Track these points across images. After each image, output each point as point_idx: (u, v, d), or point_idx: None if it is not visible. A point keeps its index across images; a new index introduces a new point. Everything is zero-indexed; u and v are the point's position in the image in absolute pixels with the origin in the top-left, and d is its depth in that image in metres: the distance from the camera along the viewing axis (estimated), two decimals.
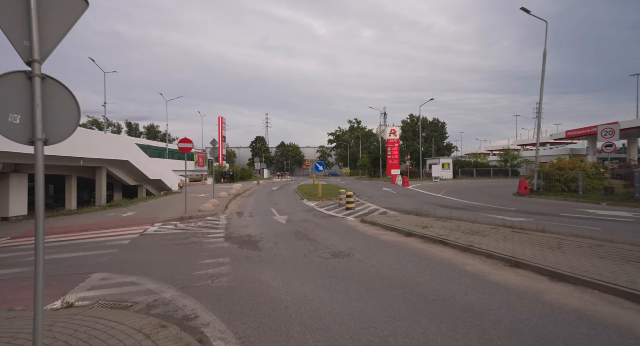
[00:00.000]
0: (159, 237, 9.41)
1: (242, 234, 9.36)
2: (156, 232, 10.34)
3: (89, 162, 18.02)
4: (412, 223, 9.20)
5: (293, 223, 10.90)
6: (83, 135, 16.81)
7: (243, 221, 11.90)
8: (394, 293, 4.49)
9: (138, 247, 8.27)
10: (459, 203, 15.35)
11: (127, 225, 11.83)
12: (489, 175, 40.23)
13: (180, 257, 7.03)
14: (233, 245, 8.01)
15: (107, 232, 10.68)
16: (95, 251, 7.95)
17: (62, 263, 6.96)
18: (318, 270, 5.69)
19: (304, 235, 8.82)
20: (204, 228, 10.55)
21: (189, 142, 13.58)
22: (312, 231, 9.42)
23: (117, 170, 21.16)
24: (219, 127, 54.09)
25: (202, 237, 9.13)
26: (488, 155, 49.83)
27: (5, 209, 14.98)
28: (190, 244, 8.28)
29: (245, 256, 6.87)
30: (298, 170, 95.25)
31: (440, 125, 69.84)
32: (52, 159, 15.67)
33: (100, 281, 5.57)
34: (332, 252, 6.87)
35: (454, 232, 7.77)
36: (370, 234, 8.68)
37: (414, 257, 6.22)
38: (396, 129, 42.43)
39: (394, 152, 40.09)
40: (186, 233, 9.89)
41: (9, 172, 15.17)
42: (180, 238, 9.06)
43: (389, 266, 5.70)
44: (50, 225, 12.33)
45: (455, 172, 38.64)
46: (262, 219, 12.15)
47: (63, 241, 9.49)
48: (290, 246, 7.63)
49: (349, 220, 11.22)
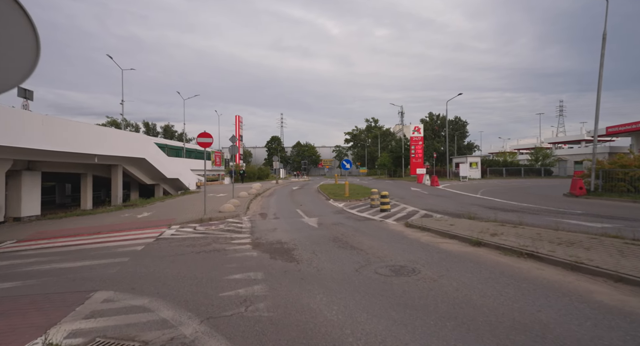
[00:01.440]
0: (176, 242, 8.22)
1: (271, 240, 8.05)
2: (173, 235, 9.18)
3: (104, 160, 17.21)
4: (473, 229, 7.67)
5: (327, 227, 9.54)
6: (97, 131, 15.99)
7: (269, 224, 10.62)
8: (521, 342, 3.02)
9: (153, 254, 7.08)
10: (507, 205, 13.62)
11: (142, 227, 10.75)
12: (519, 175, 37.77)
13: (201, 269, 5.76)
14: (263, 254, 6.70)
15: (120, 235, 9.60)
16: (103, 259, 6.80)
17: (64, 274, 5.80)
18: (383, 294, 4.28)
19: (344, 242, 7.43)
20: (226, 232, 9.31)
21: (208, 136, 12.42)
22: (352, 237, 8.02)
23: (134, 168, 20.36)
24: (236, 125, 53.43)
25: (226, 243, 7.87)
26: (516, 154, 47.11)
27: (17, 209, 14.24)
28: (213, 252, 7.03)
29: (282, 270, 5.54)
30: (314, 170, 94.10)
31: (461, 123, 67.18)
32: (65, 156, 14.86)
33: (102, 305, 4.34)
34: (391, 267, 5.44)
35: (537, 241, 6.21)
36: (425, 242, 7.20)
37: (507, 278, 4.72)
38: (420, 126, 40.48)
39: (418, 151, 38.17)
40: (207, 237, 8.67)
41: (22, 169, 14.43)
42: (201, 244, 7.83)
43: (480, 291, 4.23)
44: (61, 227, 11.41)
45: (483, 171, 36.43)
46: (290, 222, 10.84)
47: (71, 246, 8.43)
48: (333, 257, 6.25)
49: (390, 224, 9.76)
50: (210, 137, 12.47)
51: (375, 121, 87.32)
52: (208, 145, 12.45)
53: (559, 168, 41.37)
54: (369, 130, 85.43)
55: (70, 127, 14.01)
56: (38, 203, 15.21)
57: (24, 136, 11.74)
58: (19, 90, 14.46)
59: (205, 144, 12.41)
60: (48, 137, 12.66)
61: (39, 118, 12.32)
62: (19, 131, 11.53)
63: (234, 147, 18.67)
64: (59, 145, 13.25)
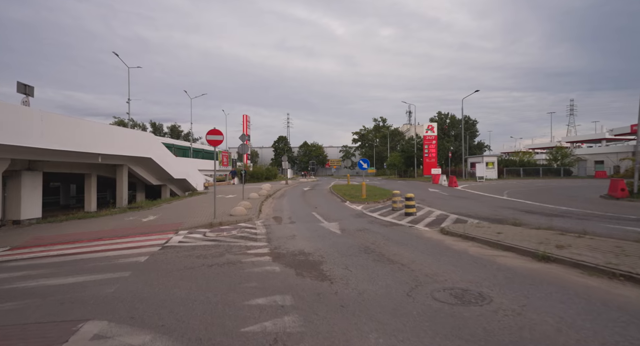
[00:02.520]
0: (185, 252, 7.24)
1: (292, 250, 7.03)
2: (181, 243, 8.21)
3: (108, 159, 16.38)
4: (529, 239, 6.56)
5: (351, 234, 8.49)
6: (101, 129, 15.15)
7: (285, 229, 9.60)
8: None
9: (157, 267, 6.10)
10: (545, 208, 12.43)
11: (147, 232, 9.82)
12: (537, 175, 36.26)
13: (216, 289, 4.76)
14: (287, 269, 5.68)
15: (123, 242, 8.66)
16: (101, 274, 5.84)
17: (51, 295, 4.85)
18: (459, 335, 3.22)
19: (379, 254, 6.38)
20: (240, 240, 8.32)
21: (218, 133, 11.46)
22: (385, 247, 6.97)
23: (140, 168, 19.54)
24: (243, 125, 52.64)
25: (241, 253, 6.87)
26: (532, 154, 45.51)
27: (17, 211, 13.44)
28: (227, 265, 6.03)
29: (314, 292, 4.51)
30: (321, 170, 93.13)
31: (471, 122, 65.62)
32: (67, 155, 14.05)
33: (92, 344, 3.35)
34: (450, 290, 4.38)
35: (622, 257, 5.10)
36: (476, 255, 6.12)
37: (616, 311, 3.62)
38: (434, 125, 39.15)
39: (432, 150, 36.87)
40: (219, 246, 7.68)
41: (22, 169, 13.64)
42: (213, 255, 6.84)
43: (595, 334, 3.14)
44: (60, 232, 10.53)
45: (499, 171, 35.03)
46: (309, 227, 9.82)
47: (67, 255, 7.51)
48: (371, 274, 5.21)
49: (423, 230, 8.68)
50: (221, 134, 11.51)
51: (384, 120, 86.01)
52: (218, 143, 11.49)
53: (579, 168, 39.74)
54: (377, 130, 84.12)
55: (71, 125, 13.17)
56: (39, 205, 14.40)
57: (21, 134, 10.91)
58: (18, 85, 13.68)
59: (215, 142, 11.45)
60: (47, 134, 11.82)
61: (38, 115, 11.48)
62: (16, 128, 10.69)
63: (244, 146, 17.72)
64: (60, 144, 12.41)
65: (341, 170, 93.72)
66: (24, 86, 13.88)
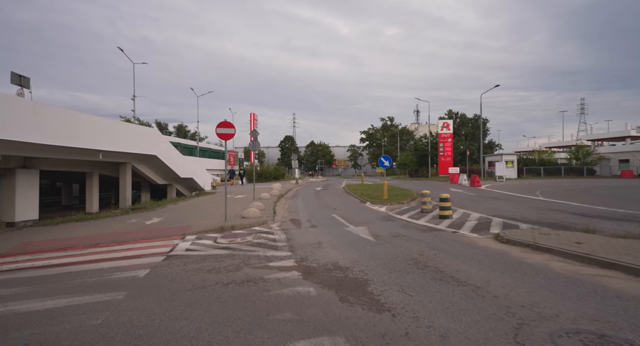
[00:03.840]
0: (193, 263, 6.00)
1: (323, 262, 5.74)
2: (189, 251, 6.97)
3: (110, 156, 15.25)
4: (624, 251, 5.20)
5: (388, 242, 7.18)
6: (102, 124, 14.00)
7: (308, 235, 8.32)
8: None
9: (160, 286, 4.86)
10: (599, 211, 10.98)
11: (150, 237, 8.61)
12: (558, 174, 34.49)
13: (237, 324, 3.49)
14: (324, 290, 4.39)
15: (121, 249, 7.46)
16: (88, 294, 4.61)
17: (16, 330, 3.62)
18: None
19: (435, 269, 5.07)
20: (257, 248, 7.05)
21: (229, 126, 10.23)
22: (437, 259, 5.65)
23: (144, 166, 18.40)
24: (251, 123, 51.56)
25: (262, 267, 5.60)
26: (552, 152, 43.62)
27: (10, 213, 12.34)
28: (247, 284, 4.76)
29: (375, 332, 3.21)
30: (327, 170, 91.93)
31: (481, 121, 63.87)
32: (65, 152, 12.93)
33: None
34: (581, 337, 3.05)
35: None
36: (565, 272, 4.77)
37: None
38: (449, 122, 37.57)
39: (447, 148, 35.30)
40: (234, 256, 6.42)
41: (16, 167, 12.55)
42: (228, 268, 5.58)
43: None
44: (54, 236, 9.38)
45: (519, 170, 33.38)
46: (334, 232, 8.53)
47: (53, 266, 6.31)
48: (442, 301, 3.89)
49: (472, 238, 7.33)
50: (232, 126, 10.27)
51: (392, 119, 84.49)
52: (229, 137, 10.26)
53: (601, 167, 37.85)
54: (386, 129, 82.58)
55: (68, 118, 12.04)
56: (35, 206, 13.30)
57: (11, 127, 9.77)
58: (12, 75, 12.60)
59: (225, 136, 10.22)
60: (41, 128, 10.68)
61: (30, 106, 10.35)
62: (4, 120, 9.56)
63: (256, 143, 16.50)
64: (55, 139, 11.27)
65: (348, 170, 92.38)
66: (18, 77, 12.80)
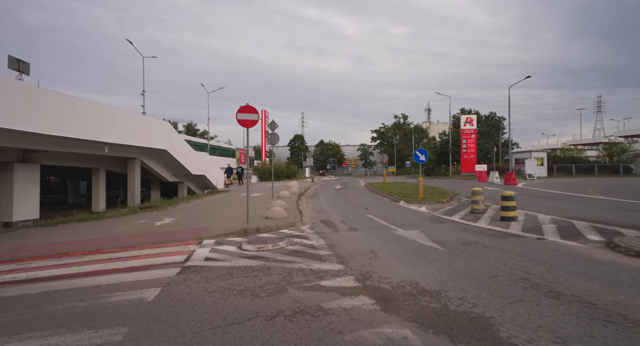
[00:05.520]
0: (217, 280, 4.51)
1: (395, 281, 4.19)
2: (209, 261, 5.49)
3: (117, 151, 13.96)
4: None
5: (462, 251, 5.60)
6: (107, 113, 12.68)
7: (352, 240, 6.77)
8: None
9: (176, 318, 3.37)
10: None
11: (161, 241, 7.19)
12: (591, 173, 32.27)
13: None
14: (429, 335, 2.85)
15: (126, 257, 6.03)
16: (72, 331, 3.15)
17: None
18: None
19: (571, 297, 3.48)
20: (296, 257, 5.54)
21: (252, 110, 8.75)
22: (559, 280, 4.06)
23: (154, 162, 17.12)
24: (262, 121, 50.31)
25: (313, 287, 4.07)
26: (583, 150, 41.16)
27: (8, 212, 11.09)
28: (302, 318, 3.23)
29: None
30: (337, 170, 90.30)
31: (497, 120, 61.45)
32: (67, 144, 11.65)
33: None
34: None
35: None
36: None
37: None
38: (472, 117, 35.55)
39: (471, 145, 33.30)
40: (268, 269, 4.92)
41: (14, 161, 11.30)
42: (266, 290, 4.07)
43: None
44: (50, 239, 8.02)
45: (549, 168, 31.27)
46: (382, 237, 6.97)
47: (38, 280, 4.89)
48: None
49: (574, 247, 5.69)
50: (255, 111, 8.78)
51: (405, 117, 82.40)
52: (252, 124, 8.78)
53: (637, 165, 35.36)
54: (398, 127, 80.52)
55: (69, 105, 10.73)
56: (36, 204, 12.04)
57: (3, 113, 8.46)
58: (10, 59, 11.36)
59: (247, 122, 8.75)
60: (37, 116, 9.37)
61: (25, 89, 9.04)
62: None
63: (274, 136, 15.03)
64: (54, 128, 9.97)
65: (359, 169, 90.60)
66: (17, 61, 11.54)
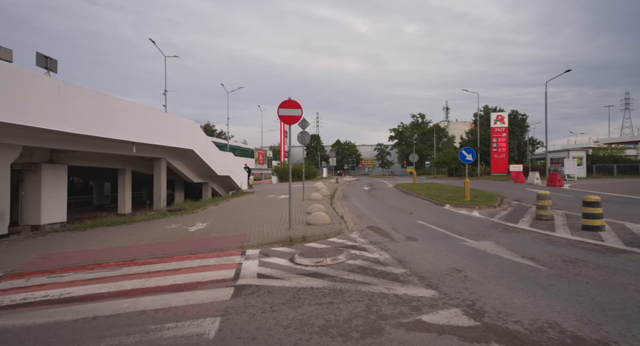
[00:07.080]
0: (286, 309, 3.65)
1: (518, 317, 3.22)
2: (263, 278, 4.66)
3: (144, 150, 13.44)
4: None
5: (573, 273, 4.57)
6: (136, 111, 12.14)
7: (420, 253, 5.81)
8: None
9: None
10: None
11: (200, 251, 6.42)
12: (635, 173, 30.10)
13: None
14: None
15: (165, 269, 5.26)
16: None
17: None
18: None
19: None
20: (366, 277, 4.63)
21: (295, 106, 7.91)
22: None
23: (179, 163, 16.60)
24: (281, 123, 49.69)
25: (415, 325, 3.15)
26: (624, 148, 38.62)
27: (36, 215, 10.67)
28: None
29: None
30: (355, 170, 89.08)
31: (520, 118, 58.79)
32: (96, 145, 11.16)
33: None
34: None
35: None
36: None
37: None
38: (504, 115, 33.80)
39: (501, 144, 31.64)
40: (342, 293, 4.03)
41: (42, 161, 10.87)
42: (355, 327, 3.17)
43: None
44: (79, 246, 7.38)
45: (587, 168, 29.31)
46: (454, 250, 5.98)
47: (73, 302, 4.16)
48: None
49: None
50: (298, 107, 7.93)
51: (422, 116, 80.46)
52: (295, 121, 7.96)
53: None
54: (416, 127, 78.65)
55: (98, 102, 10.18)
56: (63, 206, 11.60)
57: (32, 110, 7.92)
58: (38, 56, 10.95)
59: (290, 119, 7.92)
60: (67, 113, 8.83)
61: (54, 85, 8.50)
62: (23, 102, 7.71)
63: (305, 134, 14.19)
64: (82, 127, 9.42)
65: (376, 169, 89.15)
66: (44, 58, 11.10)
